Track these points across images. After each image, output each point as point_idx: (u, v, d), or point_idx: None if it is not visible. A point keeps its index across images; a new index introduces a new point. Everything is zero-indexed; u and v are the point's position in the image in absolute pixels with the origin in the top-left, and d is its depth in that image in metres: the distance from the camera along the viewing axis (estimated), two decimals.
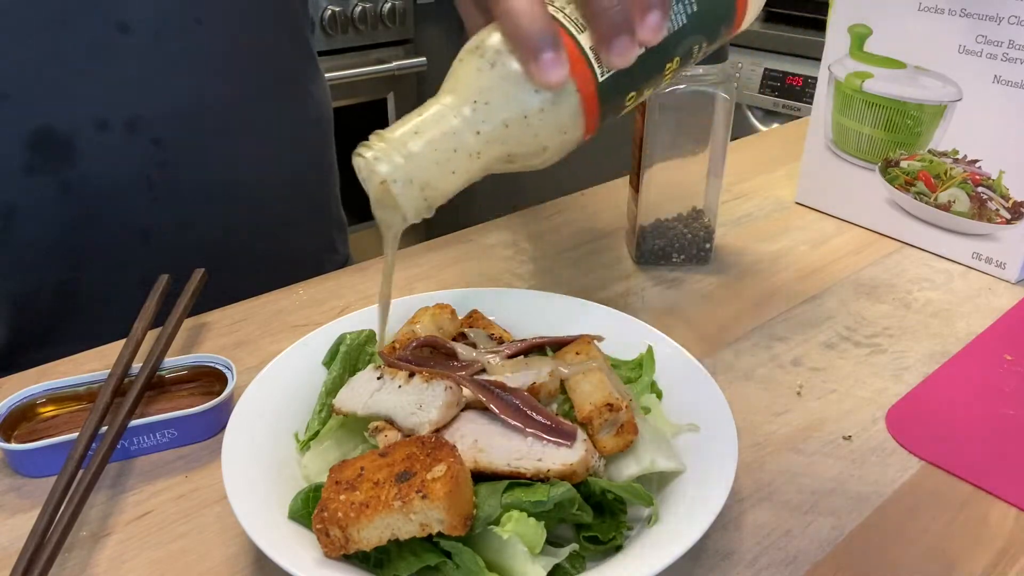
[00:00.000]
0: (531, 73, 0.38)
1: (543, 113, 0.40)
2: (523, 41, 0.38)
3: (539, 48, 0.38)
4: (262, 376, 0.47)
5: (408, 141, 0.39)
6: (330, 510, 0.35)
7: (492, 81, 0.39)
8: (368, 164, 0.39)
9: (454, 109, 0.40)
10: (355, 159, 0.40)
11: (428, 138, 0.39)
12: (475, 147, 0.40)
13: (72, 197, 0.62)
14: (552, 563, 0.36)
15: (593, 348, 0.46)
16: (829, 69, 0.76)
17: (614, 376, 0.46)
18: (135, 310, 0.54)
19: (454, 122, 0.39)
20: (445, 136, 0.39)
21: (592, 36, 0.40)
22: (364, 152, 0.39)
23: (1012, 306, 0.64)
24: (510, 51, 0.39)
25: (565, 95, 0.40)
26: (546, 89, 0.39)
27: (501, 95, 0.39)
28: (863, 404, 0.53)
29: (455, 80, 0.40)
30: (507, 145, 0.41)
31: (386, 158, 0.39)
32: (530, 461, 0.38)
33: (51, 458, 0.45)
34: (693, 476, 0.41)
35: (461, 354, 0.46)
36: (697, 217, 0.68)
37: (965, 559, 0.41)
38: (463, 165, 0.40)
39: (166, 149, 0.65)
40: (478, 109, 0.39)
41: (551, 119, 0.40)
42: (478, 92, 0.39)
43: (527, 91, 0.39)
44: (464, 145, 0.40)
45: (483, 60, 0.40)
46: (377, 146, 0.39)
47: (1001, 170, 0.66)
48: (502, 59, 0.39)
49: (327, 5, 1.88)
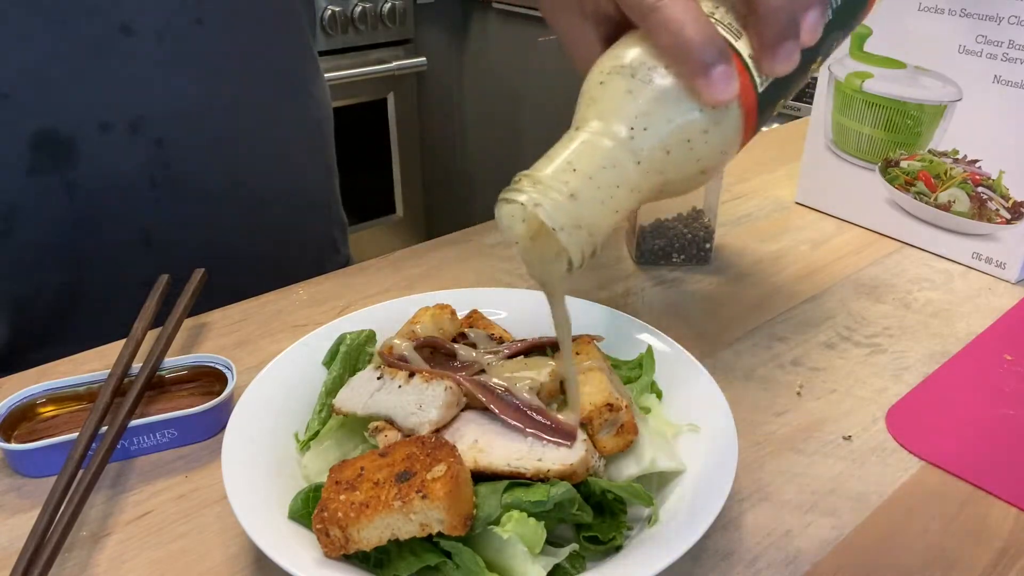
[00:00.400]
0: (699, 90, 0.34)
1: (707, 134, 0.36)
2: (688, 55, 0.34)
3: (708, 62, 0.34)
4: (262, 376, 0.47)
5: (566, 179, 0.34)
6: (330, 510, 0.36)
7: (649, 103, 0.35)
8: (524, 210, 0.34)
9: (610, 138, 0.35)
10: (503, 207, 0.35)
11: (587, 173, 0.34)
12: (635, 180, 0.35)
13: (74, 198, 0.62)
14: (552, 563, 0.36)
15: (593, 348, 0.46)
16: (829, 69, 0.76)
17: (614, 376, 0.46)
18: (136, 311, 0.54)
19: (612, 154, 0.35)
20: (605, 170, 0.34)
21: (754, 42, 0.36)
22: (516, 197, 0.34)
23: (1012, 306, 0.64)
24: (667, 67, 0.35)
25: (729, 111, 0.36)
26: (715, 107, 0.35)
27: (662, 118, 0.35)
28: (863, 404, 0.53)
29: (600, 105, 0.36)
30: (665, 174, 0.36)
31: (547, 201, 0.33)
32: (530, 461, 0.38)
33: (51, 458, 0.45)
34: (693, 476, 0.41)
35: (461, 355, 0.46)
36: (697, 217, 0.68)
37: (965, 559, 0.41)
38: (624, 201, 0.35)
39: (168, 150, 0.65)
40: (636, 136, 0.35)
41: (716, 139, 0.36)
42: (634, 117, 0.35)
43: (690, 111, 0.35)
44: (626, 179, 0.35)
45: (635, 80, 0.35)
46: (530, 189, 0.34)
47: (1001, 170, 0.66)
48: (658, 77, 0.35)
49: (327, 5, 1.89)
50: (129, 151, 0.63)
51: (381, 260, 0.70)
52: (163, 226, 0.67)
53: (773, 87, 0.38)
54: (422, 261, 0.70)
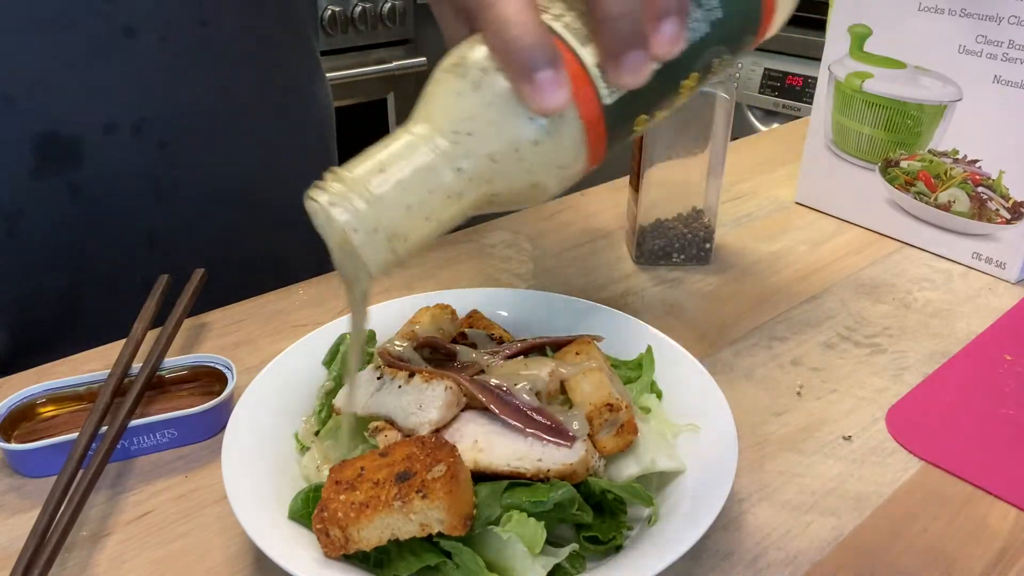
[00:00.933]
0: (525, 96, 0.32)
1: (538, 145, 0.33)
2: (514, 57, 0.31)
3: (533, 65, 0.31)
4: (262, 376, 0.47)
5: (371, 181, 0.32)
6: (330, 510, 0.36)
7: (476, 107, 0.33)
8: (323, 209, 0.32)
9: (428, 141, 0.33)
10: (307, 203, 0.33)
11: (397, 177, 0.32)
12: (455, 187, 0.33)
13: (78, 200, 0.62)
14: (552, 563, 0.36)
15: (593, 348, 0.46)
16: (829, 69, 0.76)
17: (614, 376, 0.46)
18: (138, 311, 0.54)
19: (429, 157, 0.33)
20: (417, 174, 0.32)
21: (597, 50, 0.33)
22: (317, 196, 0.32)
23: (1012, 306, 0.64)
24: (498, 69, 0.32)
25: (565, 122, 0.33)
26: (542, 115, 0.32)
27: (487, 124, 0.33)
28: (863, 404, 0.53)
29: (430, 105, 0.34)
30: (494, 184, 0.34)
31: (344, 203, 0.32)
32: (530, 461, 0.38)
33: (51, 458, 0.45)
34: (693, 476, 0.41)
35: (461, 355, 0.46)
36: (697, 217, 0.68)
37: (965, 559, 0.41)
38: (440, 209, 0.33)
39: (172, 151, 0.65)
40: (459, 141, 0.33)
41: (548, 151, 0.33)
42: (459, 120, 0.33)
43: (519, 118, 0.32)
44: (441, 185, 0.33)
45: (464, 81, 0.33)
46: (333, 188, 0.32)
47: (1001, 170, 0.66)
48: (488, 79, 0.32)
49: (327, 5, 1.88)
50: (133, 153, 0.63)
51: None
52: (166, 227, 0.67)
53: (629, 100, 0.34)
54: (422, 261, 0.70)
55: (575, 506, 0.37)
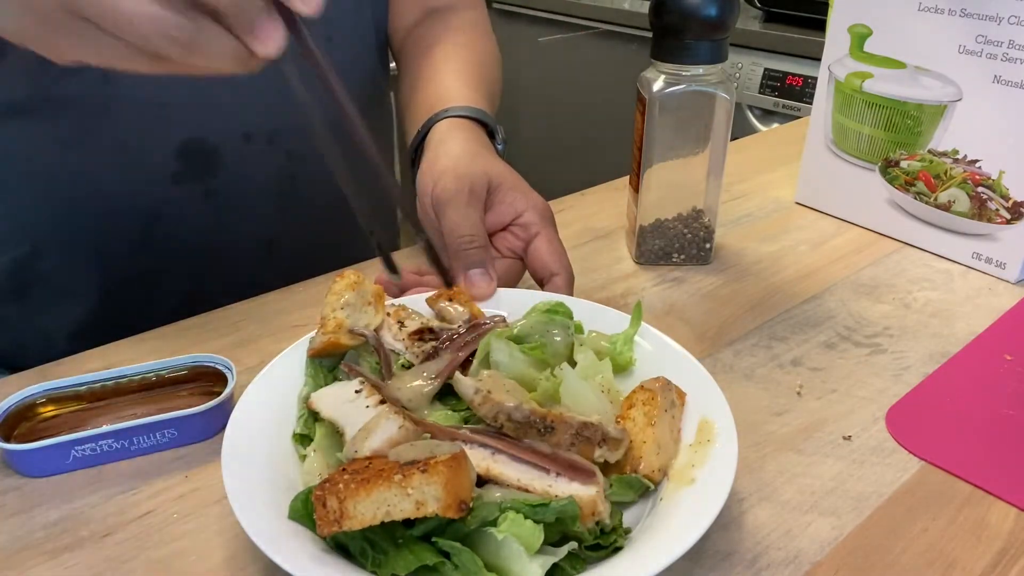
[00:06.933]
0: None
1: None
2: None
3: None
4: (262, 376, 0.47)
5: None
6: (332, 481, 0.35)
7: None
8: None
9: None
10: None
11: None
12: None
13: (211, 206, 0.66)
14: (550, 562, 0.36)
15: (659, 397, 0.45)
16: (829, 69, 0.76)
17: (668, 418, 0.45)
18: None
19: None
20: None
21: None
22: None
23: (1012, 306, 0.64)
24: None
25: None
26: None
27: None
28: (863, 404, 0.53)
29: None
30: None
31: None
32: (541, 484, 0.39)
33: (51, 458, 0.45)
34: (693, 476, 0.41)
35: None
36: (697, 217, 0.68)
37: (965, 559, 0.41)
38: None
39: (295, 162, 0.70)
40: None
41: None
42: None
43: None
44: None
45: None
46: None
47: (1001, 170, 0.66)
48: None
49: None
50: (265, 162, 0.67)
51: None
52: (284, 234, 0.71)
53: None
54: (422, 260, 0.70)
55: (575, 524, 0.37)
